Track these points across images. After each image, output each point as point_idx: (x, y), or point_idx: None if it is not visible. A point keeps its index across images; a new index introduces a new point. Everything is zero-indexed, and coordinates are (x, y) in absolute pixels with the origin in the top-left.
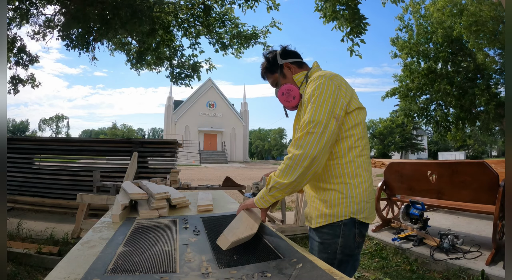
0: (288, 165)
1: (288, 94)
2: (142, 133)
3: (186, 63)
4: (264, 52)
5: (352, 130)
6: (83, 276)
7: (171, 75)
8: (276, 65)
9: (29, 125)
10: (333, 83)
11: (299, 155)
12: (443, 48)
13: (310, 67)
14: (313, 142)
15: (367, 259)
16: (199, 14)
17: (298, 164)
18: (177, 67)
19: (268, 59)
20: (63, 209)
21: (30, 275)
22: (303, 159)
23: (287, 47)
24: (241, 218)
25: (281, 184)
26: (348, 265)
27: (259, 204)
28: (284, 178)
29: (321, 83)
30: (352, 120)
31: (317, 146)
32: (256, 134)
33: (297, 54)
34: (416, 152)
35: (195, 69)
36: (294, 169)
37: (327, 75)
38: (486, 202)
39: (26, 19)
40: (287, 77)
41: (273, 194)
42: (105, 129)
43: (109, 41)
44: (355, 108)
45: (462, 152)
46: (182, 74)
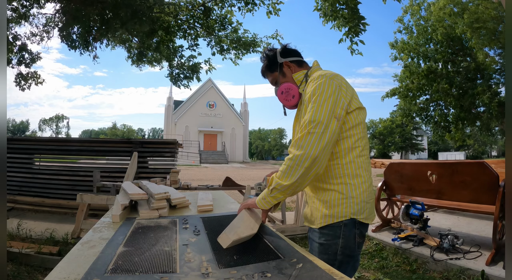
0: (289, 166)
1: (288, 93)
2: (142, 133)
3: (186, 64)
4: (264, 50)
5: (352, 130)
6: (83, 276)
7: (171, 76)
8: (276, 64)
9: (29, 125)
10: (334, 83)
11: (299, 156)
12: (443, 48)
13: (310, 66)
14: (314, 143)
15: (367, 259)
16: (199, 15)
17: (299, 165)
18: (176, 68)
19: (268, 58)
20: (63, 209)
21: (30, 275)
22: (303, 159)
23: (287, 45)
24: (242, 217)
25: (283, 185)
26: (348, 265)
27: (260, 205)
28: (285, 180)
29: (322, 83)
30: (352, 120)
31: (318, 146)
32: (256, 134)
33: (297, 52)
34: (416, 152)
35: (195, 70)
36: (295, 170)
37: (328, 75)
38: (486, 202)
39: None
40: (287, 76)
41: (275, 195)
42: (105, 129)
43: (109, 40)
44: (355, 108)
45: (462, 152)
46: (181, 75)
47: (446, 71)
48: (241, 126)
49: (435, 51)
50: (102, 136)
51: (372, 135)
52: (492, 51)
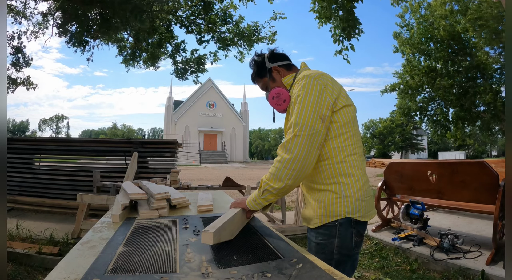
0: (278, 168)
1: (278, 98)
2: (142, 133)
3: (190, 58)
4: (252, 56)
5: (342, 129)
6: (83, 276)
7: (176, 72)
8: (265, 69)
9: (29, 125)
10: (318, 83)
11: (287, 159)
12: (443, 47)
13: (299, 69)
14: (301, 145)
15: (367, 259)
16: (199, 11)
17: (287, 167)
18: (181, 63)
19: (256, 64)
20: (63, 209)
21: (30, 275)
22: (291, 162)
23: (275, 50)
24: (228, 213)
25: (274, 188)
26: (346, 265)
27: (251, 206)
28: (275, 182)
29: (306, 84)
30: (340, 119)
31: (305, 148)
32: (256, 134)
33: (286, 56)
34: (416, 152)
35: (200, 62)
36: (285, 173)
37: (312, 75)
38: (486, 202)
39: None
40: (277, 81)
41: (266, 197)
42: (105, 129)
43: (101, 39)
44: (342, 106)
45: (462, 152)
46: (188, 71)
47: (446, 70)
48: (241, 126)
49: (435, 50)
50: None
51: (372, 134)
52: (492, 51)
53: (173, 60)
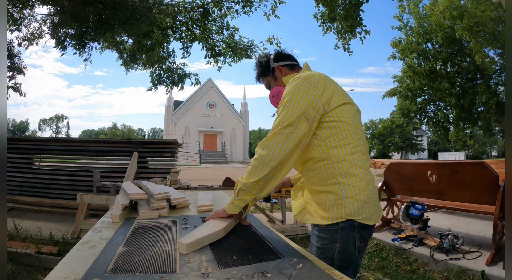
0: (254, 165)
1: (278, 96)
2: (142, 133)
3: (175, 70)
4: (259, 58)
5: (339, 128)
6: (83, 276)
7: (153, 78)
8: (269, 68)
9: (29, 125)
10: (307, 84)
11: (264, 156)
12: (442, 49)
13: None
14: (279, 143)
15: (367, 259)
16: (198, 17)
17: (264, 164)
18: (165, 71)
19: (261, 63)
20: (63, 209)
21: (30, 275)
22: (269, 159)
23: (283, 51)
24: (207, 223)
25: (247, 184)
26: (347, 271)
27: (229, 210)
28: (249, 178)
29: (295, 84)
30: (337, 117)
31: (283, 147)
32: (256, 134)
33: (291, 57)
34: (416, 152)
35: (182, 79)
36: (260, 169)
37: (303, 76)
38: (486, 202)
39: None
40: (278, 80)
41: (241, 197)
42: (105, 129)
43: (99, 42)
44: (338, 105)
45: (462, 152)
46: (168, 79)
47: (446, 71)
48: (241, 126)
49: (434, 51)
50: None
51: (372, 135)
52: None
53: (160, 66)
